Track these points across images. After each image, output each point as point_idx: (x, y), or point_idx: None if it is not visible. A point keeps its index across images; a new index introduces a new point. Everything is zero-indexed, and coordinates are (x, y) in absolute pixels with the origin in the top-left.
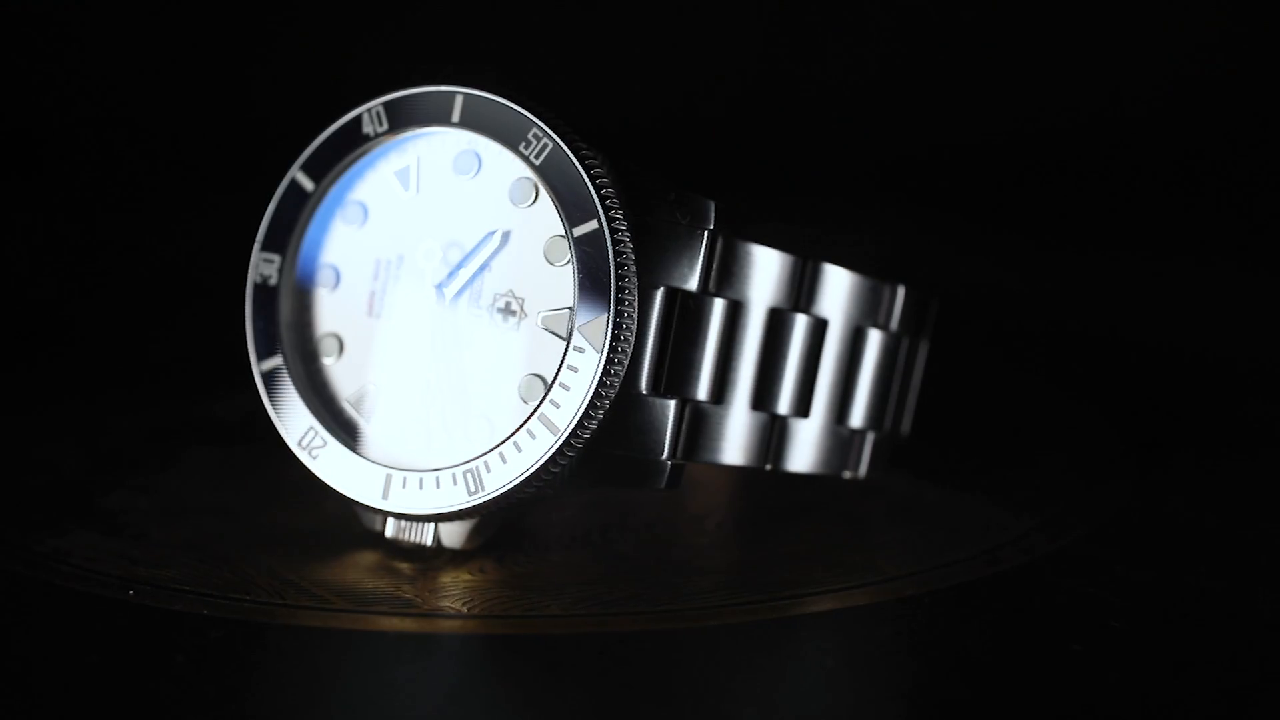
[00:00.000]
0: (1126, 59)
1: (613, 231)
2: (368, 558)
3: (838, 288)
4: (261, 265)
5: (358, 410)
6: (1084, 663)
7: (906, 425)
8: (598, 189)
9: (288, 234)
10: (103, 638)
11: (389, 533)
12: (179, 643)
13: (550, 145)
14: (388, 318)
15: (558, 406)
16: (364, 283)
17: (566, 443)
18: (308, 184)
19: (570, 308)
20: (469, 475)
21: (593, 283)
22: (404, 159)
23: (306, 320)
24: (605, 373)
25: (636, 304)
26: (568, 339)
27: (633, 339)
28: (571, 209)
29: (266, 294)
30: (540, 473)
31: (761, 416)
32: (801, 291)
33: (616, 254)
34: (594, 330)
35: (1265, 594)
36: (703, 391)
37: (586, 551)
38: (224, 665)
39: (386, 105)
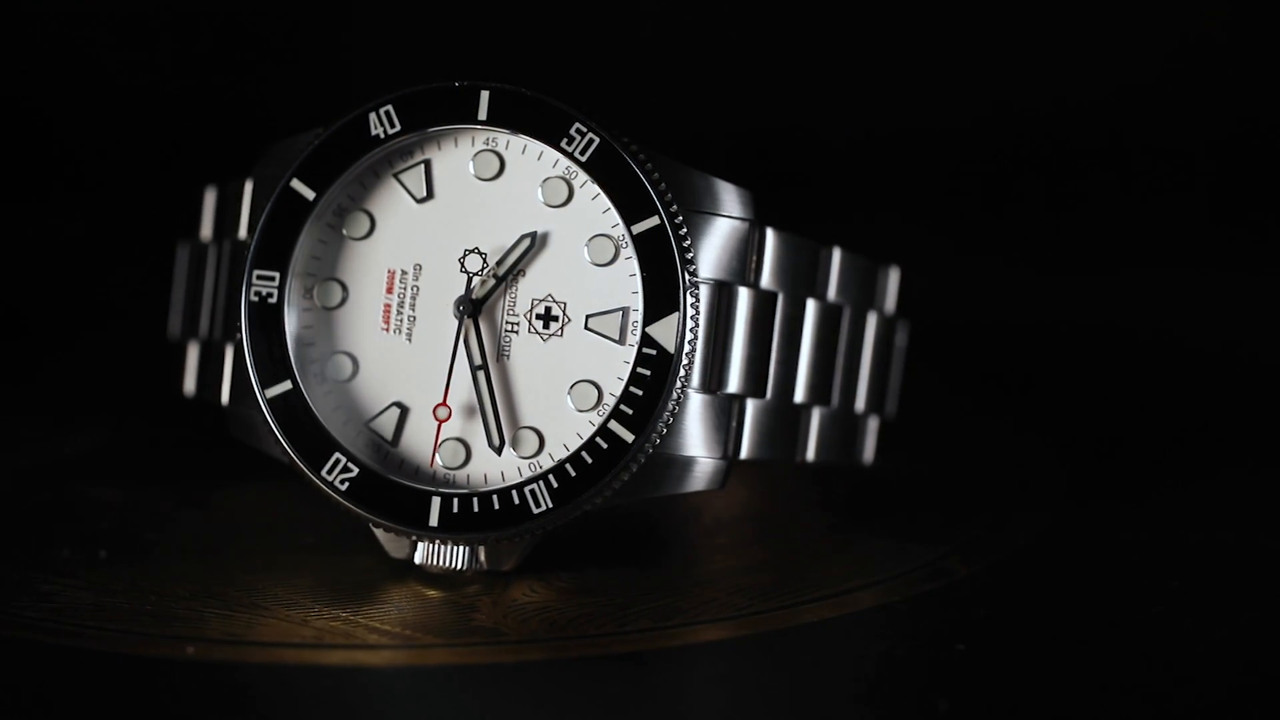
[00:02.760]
0: (1090, 56)
1: (675, 228)
2: (404, 587)
3: (846, 273)
4: (259, 283)
5: (385, 432)
6: (1172, 621)
7: (892, 408)
8: (654, 184)
9: (287, 248)
10: (215, 701)
11: (418, 558)
12: (300, 695)
13: (597, 141)
14: (407, 332)
15: (630, 411)
16: (376, 297)
17: (641, 448)
18: (308, 193)
19: (622, 308)
20: (531, 493)
21: (659, 281)
22: (415, 161)
23: (313, 339)
24: (677, 374)
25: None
26: (627, 341)
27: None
28: (627, 206)
29: (268, 313)
30: (612, 481)
31: (794, 407)
32: (819, 278)
33: (682, 250)
34: (664, 330)
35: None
36: (747, 386)
37: (619, 563)
38: (365, 715)
39: (397, 104)
